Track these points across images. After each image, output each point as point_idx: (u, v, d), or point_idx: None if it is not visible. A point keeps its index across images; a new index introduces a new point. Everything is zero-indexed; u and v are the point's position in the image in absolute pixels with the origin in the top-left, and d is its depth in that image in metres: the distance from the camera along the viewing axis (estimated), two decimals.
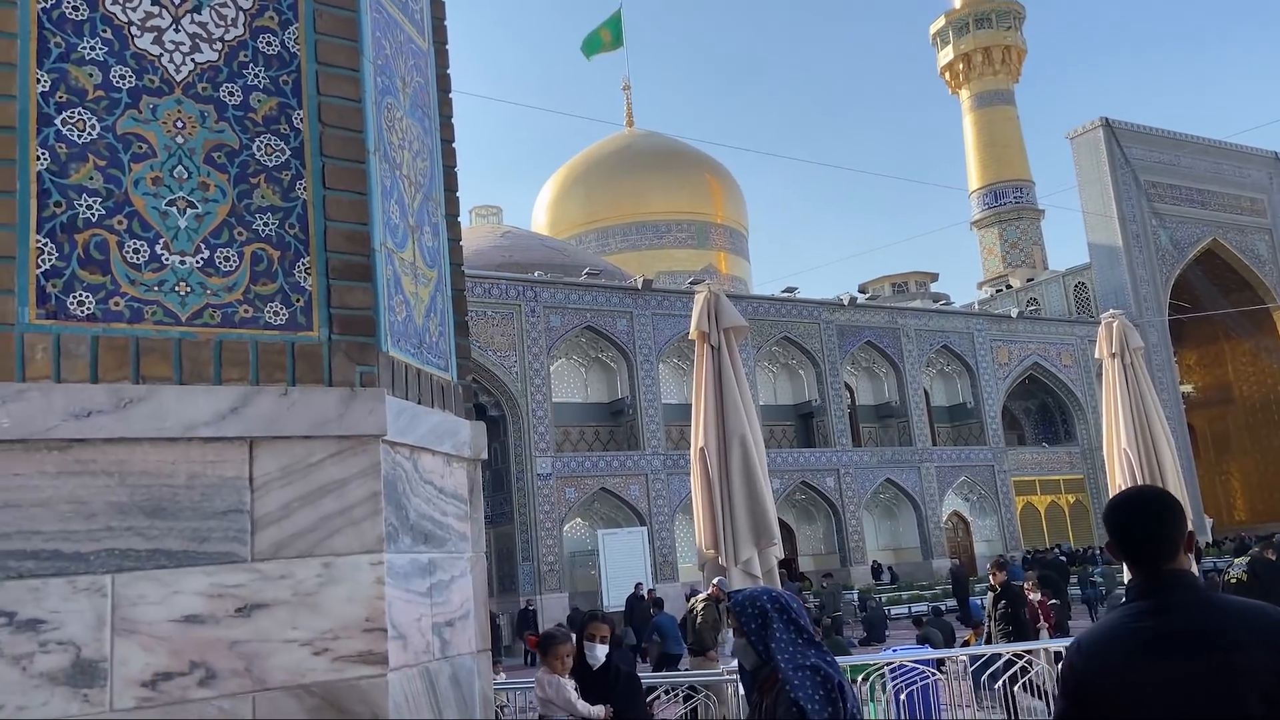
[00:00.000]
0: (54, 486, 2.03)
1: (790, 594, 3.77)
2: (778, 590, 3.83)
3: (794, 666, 3.59)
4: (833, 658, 3.61)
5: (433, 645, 2.64)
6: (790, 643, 3.63)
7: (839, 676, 3.52)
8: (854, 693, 3.48)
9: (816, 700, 3.49)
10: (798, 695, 3.56)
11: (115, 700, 2.01)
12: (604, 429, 30.64)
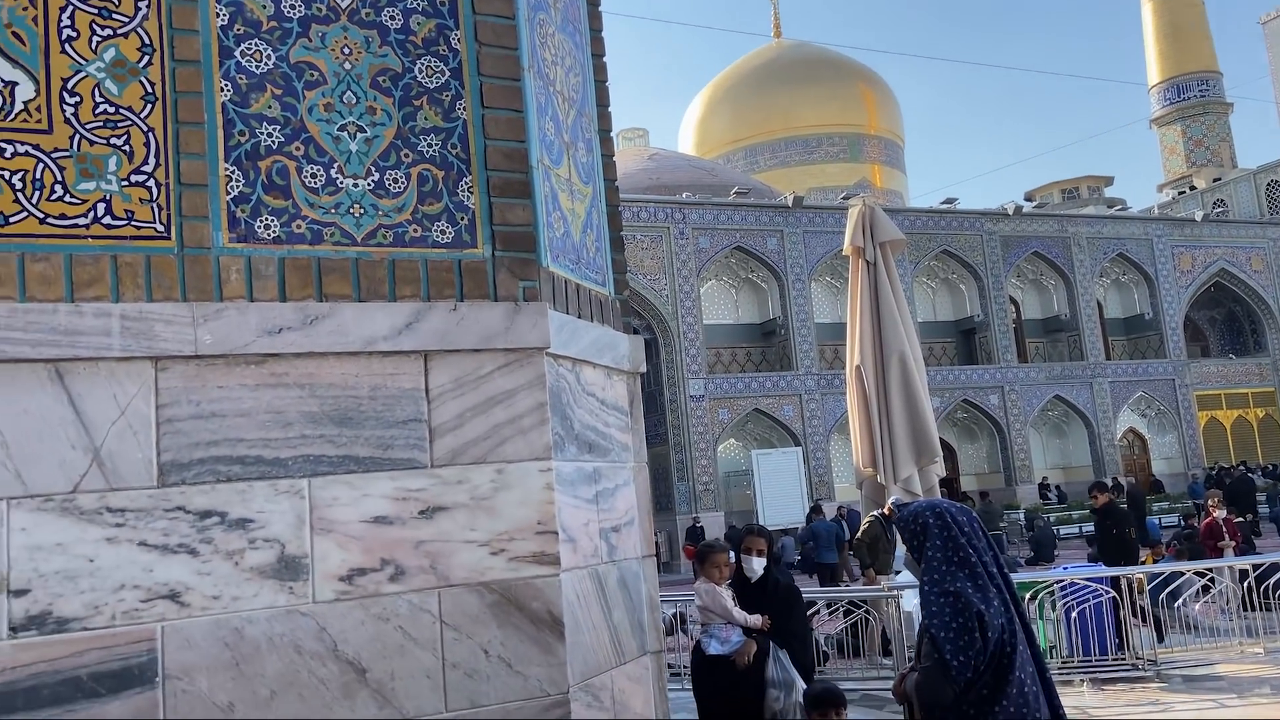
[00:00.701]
0: (253, 398, 2.19)
1: (964, 510, 3.53)
2: (948, 504, 3.61)
3: (936, 591, 3.38)
4: (987, 580, 3.29)
5: (600, 549, 2.74)
6: (942, 563, 3.40)
7: (980, 605, 3.25)
8: (1005, 620, 3.24)
9: (951, 629, 3.26)
10: (930, 622, 3.37)
11: (317, 593, 2.19)
12: (755, 350, 30.53)
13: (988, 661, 3.23)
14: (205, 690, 2.05)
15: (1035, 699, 3.25)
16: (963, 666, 3.20)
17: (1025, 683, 3.25)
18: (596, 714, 2.56)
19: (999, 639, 3.24)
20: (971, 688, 3.25)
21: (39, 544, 1.96)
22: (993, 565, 3.43)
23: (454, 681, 2.28)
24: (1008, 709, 3.19)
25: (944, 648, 3.25)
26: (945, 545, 3.40)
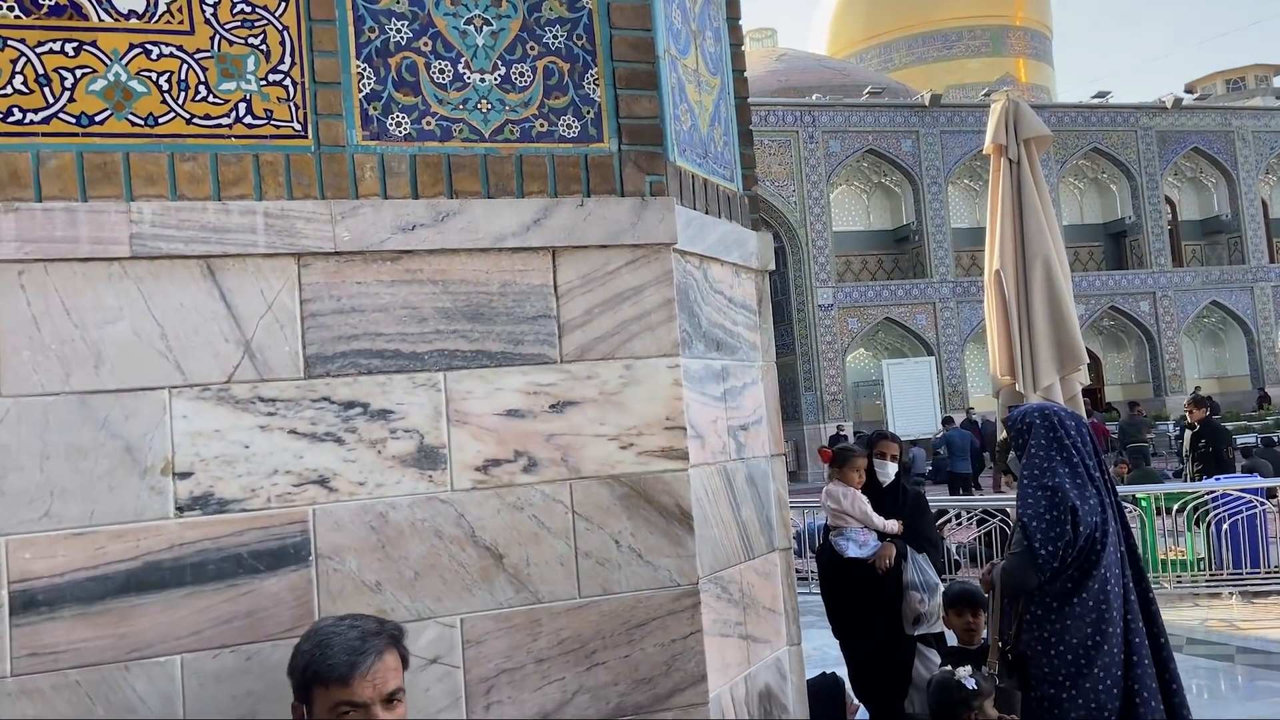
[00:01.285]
0: (389, 293, 2.25)
1: (1073, 414, 3.58)
2: (1058, 408, 3.61)
3: (1034, 485, 3.44)
4: (1087, 480, 3.37)
5: (729, 446, 2.74)
6: (1044, 459, 3.46)
7: (1075, 500, 3.31)
8: (1099, 520, 3.30)
9: (1044, 520, 3.32)
10: (1024, 513, 3.43)
11: (455, 481, 2.27)
12: (888, 257, 29.72)
13: (1075, 556, 3.31)
14: (354, 569, 2.17)
15: (1116, 599, 3.30)
16: (1050, 556, 3.30)
17: (1109, 582, 3.31)
18: (725, 606, 2.60)
19: (1089, 535, 3.31)
20: (1056, 579, 3.34)
21: (199, 430, 2.08)
22: (1096, 470, 3.47)
23: (586, 569, 2.34)
24: (1086, 602, 3.28)
25: (1034, 537, 3.34)
26: (1049, 444, 3.48)
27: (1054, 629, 3.34)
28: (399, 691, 1.84)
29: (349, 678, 1.78)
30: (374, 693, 1.79)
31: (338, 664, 1.78)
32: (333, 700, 1.79)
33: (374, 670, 1.80)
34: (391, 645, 1.87)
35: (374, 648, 1.82)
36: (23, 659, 1.94)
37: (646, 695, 2.36)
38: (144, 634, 2.01)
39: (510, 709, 2.25)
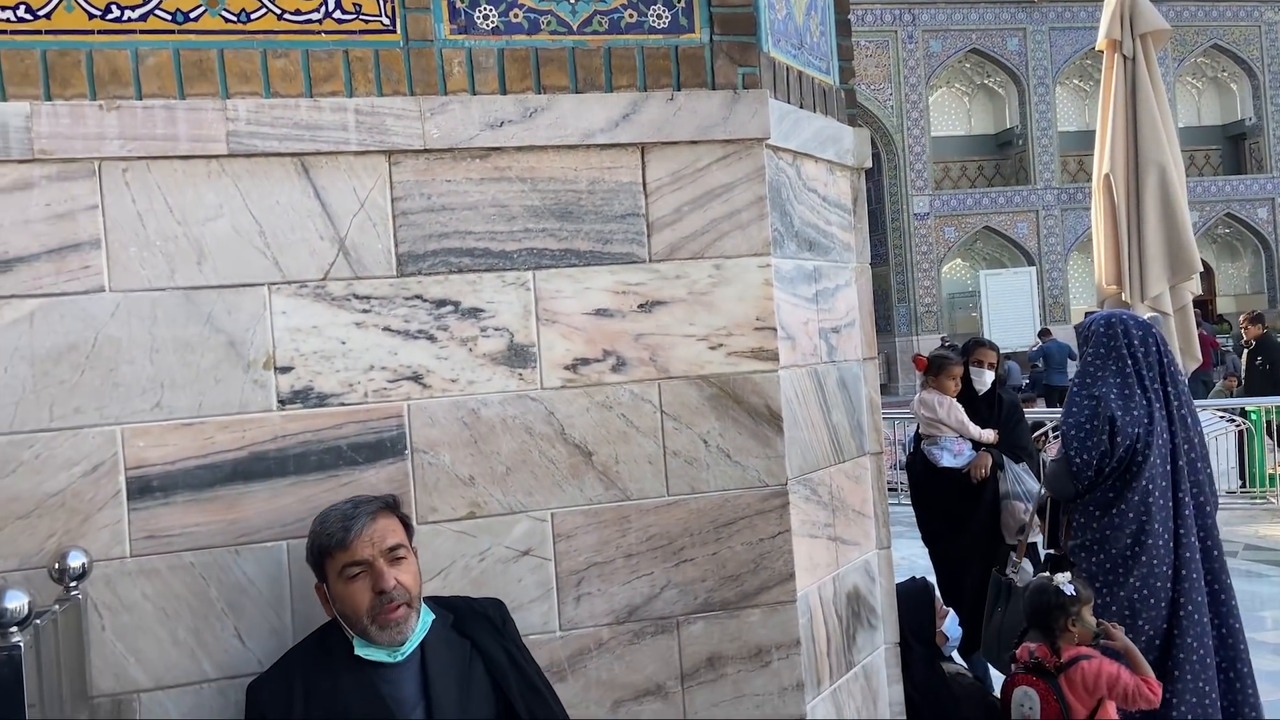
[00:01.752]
0: (479, 191, 2.24)
1: (1143, 324, 3.54)
2: (1125, 315, 3.57)
3: (1080, 393, 3.45)
4: (1139, 391, 3.36)
5: (820, 349, 2.70)
6: (1096, 368, 3.44)
7: (1118, 410, 3.30)
8: (1143, 431, 3.30)
9: (1083, 429, 3.34)
10: (1065, 420, 3.47)
11: (544, 379, 2.28)
12: (989, 163, 28.62)
13: (1115, 466, 3.33)
14: (448, 464, 2.22)
15: (1160, 511, 3.31)
16: (1084, 465, 3.35)
17: (1152, 494, 3.32)
18: (814, 507, 2.59)
19: (1130, 446, 3.32)
20: (1097, 488, 3.38)
21: (297, 326, 2.13)
22: (1156, 381, 3.44)
23: (675, 468, 2.35)
24: (1126, 513, 3.30)
25: (1070, 445, 3.40)
26: (1105, 352, 3.48)
27: (1094, 536, 3.40)
28: (401, 547, 1.91)
29: (346, 540, 1.86)
30: (373, 549, 1.86)
31: (334, 531, 1.88)
32: (339, 566, 1.87)
33: (368, 530, 1.88)
34: (385, 510, 1.94)
35: (365, 512, 1.90)
36: (141, 541, 2.05)
37: (734, 592, 2.38)
38: (252, 520, 2.10)
39: (599, 601, 2.30)
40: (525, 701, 1.96)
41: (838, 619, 2.69)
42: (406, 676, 1.91)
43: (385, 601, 1.84)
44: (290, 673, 1.89)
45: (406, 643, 1.88)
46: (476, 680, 1.95)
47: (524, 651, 2.06)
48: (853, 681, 2.74)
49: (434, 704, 1.88)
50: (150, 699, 2.04)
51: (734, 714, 2.37)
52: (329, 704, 1.84)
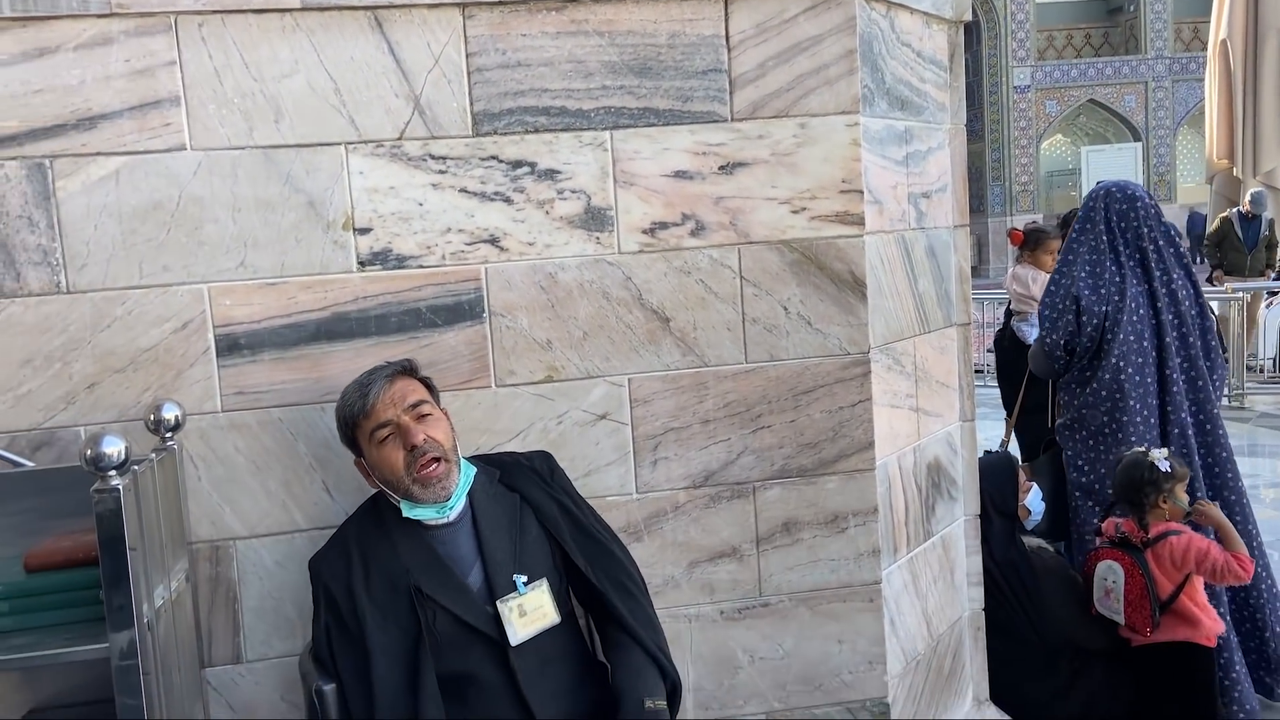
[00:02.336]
0: (555, 46, 2.17)
1: (1140, 196, 3.47)
2: (1126, 184, 3.51)
3: (1058, 271, 3.52)
4: (1117, 268, 3.40)
5: (908, 214, 2.60)
6: (1074, 243, 3.47)
7: (1086, 290, 3.35)
8: (1110, 309, 3.33)
9: (1052, 309, 3.45)
10: (1041, 300, 3.58)
11: (621, 244, 2.25)
12: (1096, 30, 26.91)
13: (1086, 345, 3.40)
14: (526, 327, 2.22)
15: (1135, 388, 3.35)
16: (1054, 345, 3.46)
17: (1124, 370, 3.36)
18: (896, 377, 2.54)
19: (1098, 325, 3.37)
20: (1073, 367, 3.47)
21: (375, 186, 2.12)
22: (1136, 255, 3.43)
23: (753, 335, 2.32)
24: (1099, 391, 3.38)
25: (1042, 325, 3.54)
26: (1083, 226, 3.52)
27: (1074, 415, 3.50)
28: (424, 403, 1.90)
29: (367, 406, 1.88)
30: (396, 409, 1.87)
31: (354, 400, 1.90)
32: (367, 431, 1.89)
33: (387, 392, 1.88)
34: (401, 373, 1.94)
35: (380, 376, 1.91)
36: (231, 396, 2.11)
37: (811, 459, 2.36)
38: (337, 379, 2.14)
39: (676, 465, 2.31)
40: (581, 548, 1.97)
41: (917, 489, 2.66)
42: (460, 536, 1.92)
43: (418, 456, 1.84)
44: (346, 544, 1.91)
45: (451, 498, 1.89)
46: (529, 531, 1.96)
47: (577, 500, 2.06)
48: (930, 551, 2.73)
49: (488, 560, 1.89)
50: (245, 546, 2.13)
51: (809, 577, 2.38)
52: (388, 569, 1.86)
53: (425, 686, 1.78)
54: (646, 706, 1.86)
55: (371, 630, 1.81)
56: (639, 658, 1.91)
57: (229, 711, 2.14)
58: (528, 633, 1.87)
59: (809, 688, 2.40)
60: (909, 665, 2.60)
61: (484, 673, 1.86)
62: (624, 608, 1.95)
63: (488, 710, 1.86)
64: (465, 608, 1.85)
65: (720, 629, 2.35)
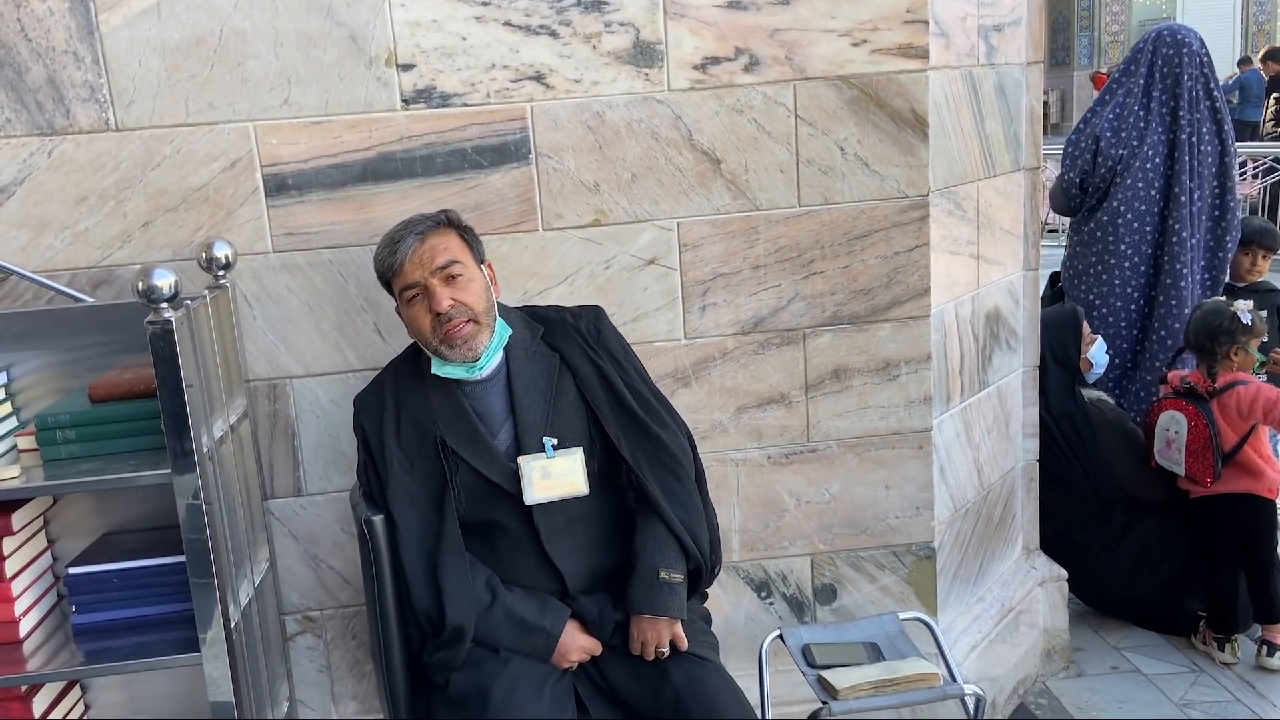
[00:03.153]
0: None
1: (1188, 41, 3.42)
2: (1177, 28, 3.47)
3: (1091, 108, 3.63)
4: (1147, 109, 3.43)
5: (977, 49, 2.46)
6: (1112, 84, 3.50)
7: (1107, 132, 3.41)
8: (1125, 153, 3.41)
9: (1075, 146, 3.55)
10: (1069, 136, 3.69)
11: (671, 81, 2.16)
12: None
13: (1098, 184, 3.49)
14: (573, 169, 2.17)
15: (1130, 234, 3.42)
16: (1069, 183, 3.58)
17: (1122, 214, 3.45)
18: (957, 222, 2.45)
19: (1111, 167, 3.46)
20: (1083, 206, 3.59)
21: (417, 20, 2.06)
22: (1169, 104, 3.42)
23: (807, 177, 2.24)
24: (1094, 232, 3.51)
25: (1064, 160, 3.63)
26: (1126, 68, 3.55)
27: (1076, 251, 3.64)
28: (454, 264, 1.81)
29: (395, 264, 1.81)
30: (423, 270, 1.79)
31: (384, 257, 1.83)
32: (398, 289, 1.84)
33: (416, 251, 1.80)
34: (436, 227, 1.84)
35: (413, 232, 1.81)
36: (281, 237, 2.12)
37: (864, 306, 2.32)
38: (384, 221, 2.12)
39: (725, 311, 2.28)
40: (615, 419, 1.90)
41: (974, 338, 2.61)
42: (492, 393, 1.88)
43: (444, 321, 1.78)
44: (383, 389, 1.91)
45: (480, 359, 1.83)
46: (565, 395, 1.89)
47: (622, 364, 1.95)
48: (985, 401, 2.70)
49: (519, 420, 1.85)
50: (301, 385, 2.19)
51: (858, 424, 2.37)
52: (418, 419, 1.86)
53: (447, 534, 1.82)
54: (660, 576, 1.86)
55: (397, 474, 1.84)
56: (661, 531, 1.89)
57: (293, 541, 2.25)
58: (547, 496, 1.84)
59: (854, 531, 2.43)
60: (957, 513, 2.61)
61: (509, 524, 1.88)
62: (654, 483, 1.89)
63: (512, 554, 1.89)
64: (488, 464, 1.84)
65: (767, 473, 2.37)
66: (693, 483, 1.96)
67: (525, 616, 1.83)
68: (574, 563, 1.90)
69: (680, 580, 1.89)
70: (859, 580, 2.46)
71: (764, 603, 2.44)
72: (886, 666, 2.07)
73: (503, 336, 1.88)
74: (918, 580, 2.48)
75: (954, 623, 2.64)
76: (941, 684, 2.01)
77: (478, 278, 1.85)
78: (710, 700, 1.80)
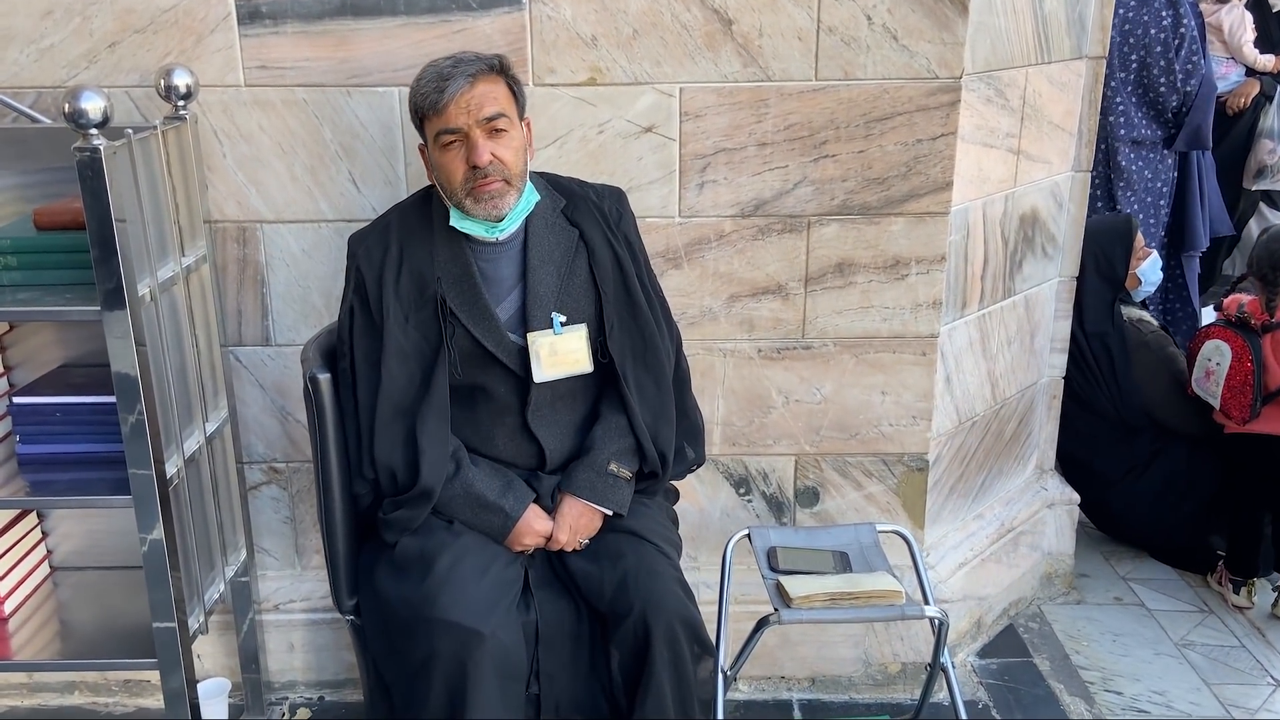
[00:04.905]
0: None
1: None
2: None
3: None
4: None
5: None
6: None
7: None
8: None
9: None
10: None
11: None
12: None
13: None
14: (569, 19, 1.99)
15: None
16: None
17: None
18: (997, 112, 2.22)
19: None
20: None
21: None
22: None
23: (828, 48, 2.03)
24: None
25: None
26: None
27: None
28: (501, 117, 1.66)
29: (440, 104, 1.65)
30: (468, 117, 1.65)
31: (429, 92, 1.67)
32: (434, 131, 1.69)
33: (465, 95, 1.65)
34: (488, 72, 1.68)
35: (464, 73, 1.65)
36: (254, 70, 2.00)
37: (876, 196, 2.13)
38: (363, 61, 2.00)
39: (725, 190, 2.11)
40: (616, 305, 1.81)
41: (1002, 241, 2.40)
42: (505, 257, 1.78)
43: (479, 176, 1.67)
44: (388, 232, 1.79)
45: (504, 220, 1.73)
46: (578, 274, 1.80)
47: (635, 253, 1.86)
48: (1009, 310, 2.50)
49: (530, 290, 1.76)
50: (272, 230, 2.10)
51: (858, 323, 2.22)
52: (422, 271, 1.76)
53: (434, 396, 1.74)
54: (609, 468, 1.79)
55: (391, 327, 1.74)
56: (623, 425, 1.82)
57: (259, 391, 2.20)
58: (554, 374, 1.77)
59: (844, 435, 2.30)
60: (961, 425, 2.46)
61: (497, 392, 1.79)
62: (632, 380, 1.81)
63: (493, 421, 1.82)
64: (485, 332, 1.75)
65: (756, 367, 2.24)
66: (669, 391, 1.87)
67: (485, 494, 1.77)
68: (555, 437, 1.83)
69: (628, 478, 1.81)
70: (844, 486, 2.35)
71: (742, 499, 2.35)
72: (849, 579, 1.97)
73: (530, 201, 1.77)
74: (906, 492, 2.36)
75: (944, 538, 2.53)
76: (904, 602, 1.92)
77: (518, 136, 1.72)
78: (655, 593, 1.73)
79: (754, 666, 2.40)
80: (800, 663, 2.41)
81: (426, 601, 1.65)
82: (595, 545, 1.81)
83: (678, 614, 1.72)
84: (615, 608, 1.72)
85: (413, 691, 1.67)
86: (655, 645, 1.69)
